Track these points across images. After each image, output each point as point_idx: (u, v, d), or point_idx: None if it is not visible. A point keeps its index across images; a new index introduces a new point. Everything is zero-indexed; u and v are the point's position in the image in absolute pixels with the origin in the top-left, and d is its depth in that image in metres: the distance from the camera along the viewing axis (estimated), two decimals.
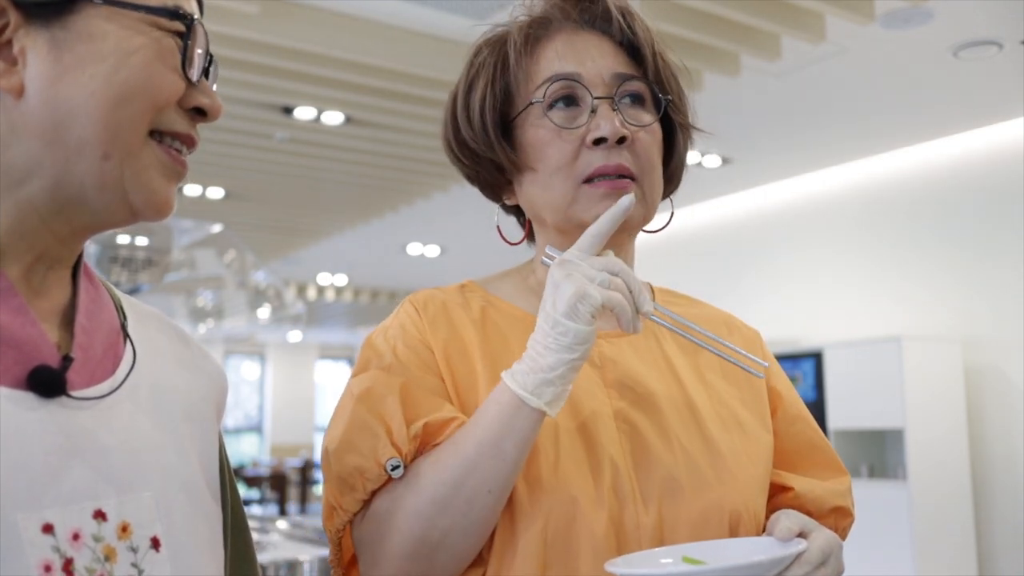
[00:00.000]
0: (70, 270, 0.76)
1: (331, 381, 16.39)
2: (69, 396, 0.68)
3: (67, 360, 0.69)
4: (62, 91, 0.69)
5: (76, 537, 0.65)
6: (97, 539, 0.66)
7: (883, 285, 5.44)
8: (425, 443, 0.90)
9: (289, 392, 15.39)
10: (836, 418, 5.02)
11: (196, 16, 0.75)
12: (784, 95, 4.54)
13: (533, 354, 0.86)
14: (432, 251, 8.49)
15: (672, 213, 1.10)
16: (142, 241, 5.03)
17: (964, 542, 4.84)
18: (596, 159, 0.97)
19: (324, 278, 10.38)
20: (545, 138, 0.99)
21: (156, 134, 0.73)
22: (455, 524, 0.87)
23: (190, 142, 0.76)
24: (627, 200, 0.89)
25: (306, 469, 13.02)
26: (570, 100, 1.00)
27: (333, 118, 4.84)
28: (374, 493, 0.91)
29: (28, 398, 0.66)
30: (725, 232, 6.47)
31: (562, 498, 0.90)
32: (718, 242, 6.49)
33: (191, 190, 6.24)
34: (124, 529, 0.68)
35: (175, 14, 0.73)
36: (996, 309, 4.93)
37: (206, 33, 0.76)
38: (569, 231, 1.00)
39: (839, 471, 1.09)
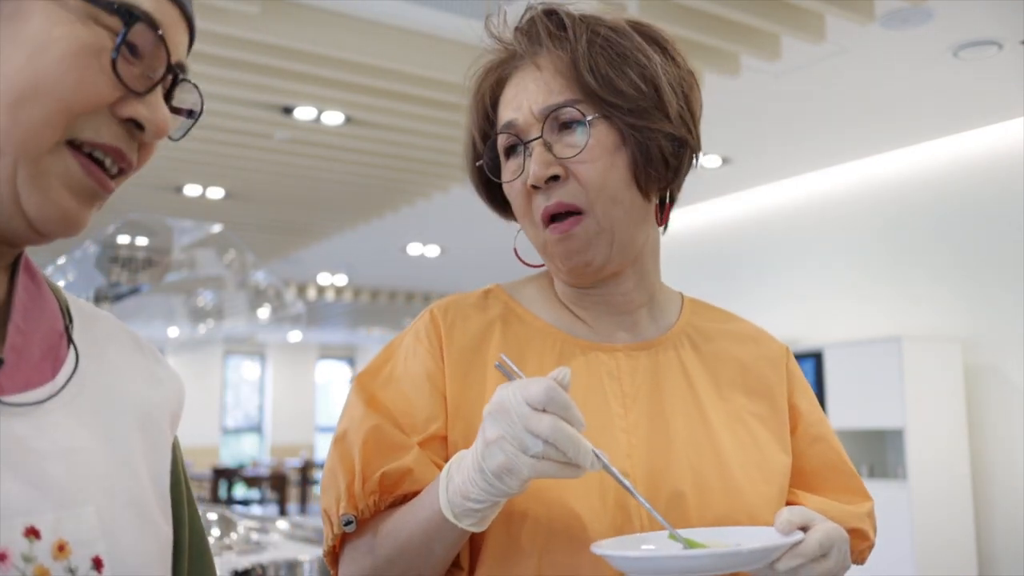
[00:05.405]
0: (7, 271, 0.69)
1: (331, 381, 16.39)
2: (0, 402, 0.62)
3: None
4: None
5: (3, 558, 0.59)
6: (28, 559, 0.60)
7: (883, 285, 5.44)
8: (385, 492, 0.93)
9: (289, 392, 15.39)
10: (836, 418, 5.02)
11: (147, 16, 0.64)
12: (784, 95, 4.54)
13: (466, 473, 0.82)
14: (432, 251, 8.50)
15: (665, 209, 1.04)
16: (142, 241, 5.03)
17: (964, 542, 4.84)
18: (539, 204, 0.97)
19: (324, 278, 10.38)
20: (508, 190, 1.01)
21: (77, 143, 0.63)
22: None
23: (119, 157, 0.65)
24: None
25: (306, 469, 13.01)
26: (513, 149, 1.00)
27: (333, 118, 4.84)
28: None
29: None
30: (725, 232, 6.47)
31: (563, 512, 0.91)
32: (718, 242, 6.49)
33: (191, 190, 6.25)
34: (61, 548, 0.62)
35: (119, 9, 0.62)
36: (996, 309, 4.93)
37: (163, 39, 0.65)
38: (555, 274, 1.04)
39: (862, 496, 1.07)
